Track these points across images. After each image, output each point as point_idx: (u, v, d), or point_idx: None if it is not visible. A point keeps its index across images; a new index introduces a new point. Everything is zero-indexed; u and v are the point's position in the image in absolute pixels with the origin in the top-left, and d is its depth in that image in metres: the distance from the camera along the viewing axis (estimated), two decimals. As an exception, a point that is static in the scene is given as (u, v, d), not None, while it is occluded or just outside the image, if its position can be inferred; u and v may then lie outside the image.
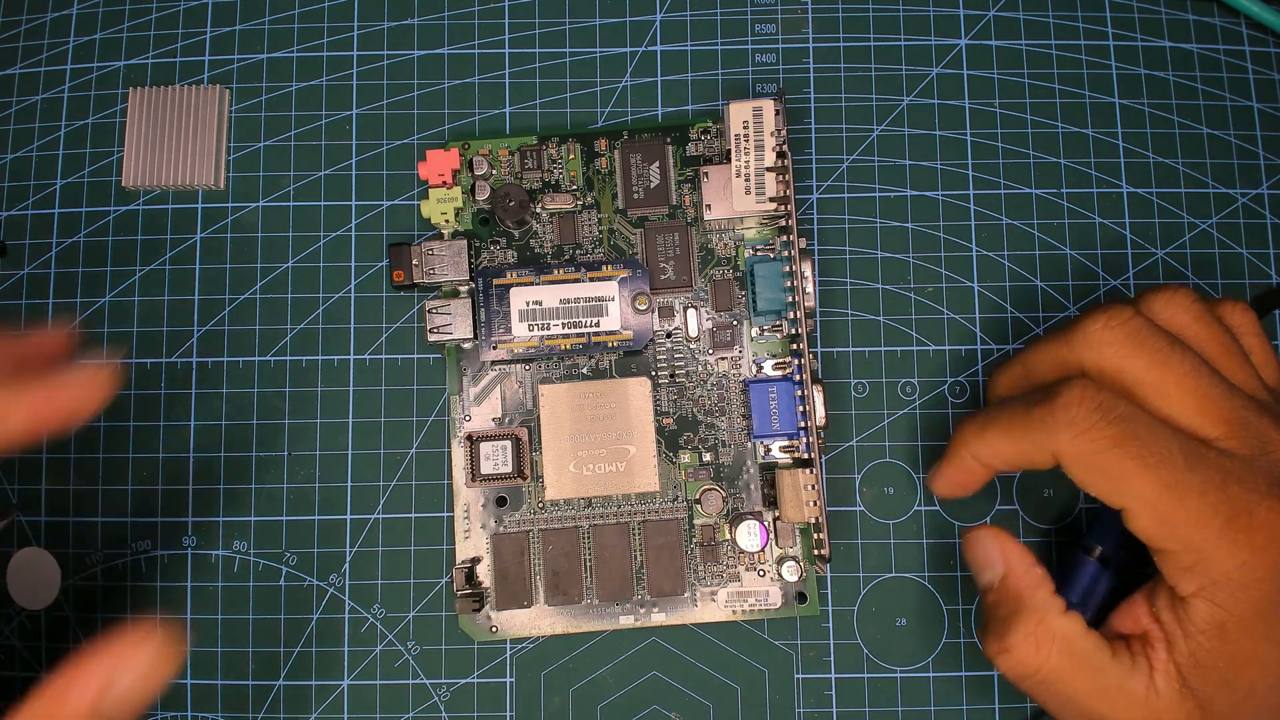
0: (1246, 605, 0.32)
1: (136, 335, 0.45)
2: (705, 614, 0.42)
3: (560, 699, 0.43)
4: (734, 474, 0.43)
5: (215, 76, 0.46)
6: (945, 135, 0.46)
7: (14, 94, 0.46)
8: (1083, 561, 0.40)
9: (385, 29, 0.47)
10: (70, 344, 0.34)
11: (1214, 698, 0.33)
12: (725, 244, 0.44)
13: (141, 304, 0.45)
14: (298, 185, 0.46)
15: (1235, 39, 0.47)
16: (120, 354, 0.42)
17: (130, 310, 0.45)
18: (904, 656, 0.43)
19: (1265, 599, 0.32)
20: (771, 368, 0.43)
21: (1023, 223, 0.45)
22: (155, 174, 0.45)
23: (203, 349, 0.45)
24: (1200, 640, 0.33)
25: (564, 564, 0.42)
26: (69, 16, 0.47)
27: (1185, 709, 0.33)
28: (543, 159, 0.44)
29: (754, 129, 0.41)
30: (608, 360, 0.43)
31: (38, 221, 0.45)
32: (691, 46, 0.47)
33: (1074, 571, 0.40)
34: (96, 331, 0.45)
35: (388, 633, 0.43)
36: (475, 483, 0.42)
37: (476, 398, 0.43)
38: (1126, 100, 0.46)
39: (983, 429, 0.36)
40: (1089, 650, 0.35)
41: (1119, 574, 0.40)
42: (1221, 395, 0.34)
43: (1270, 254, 0.45)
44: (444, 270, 0.43)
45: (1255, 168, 0.46)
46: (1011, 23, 0.47)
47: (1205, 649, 0.33)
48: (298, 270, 0.45)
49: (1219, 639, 0.33)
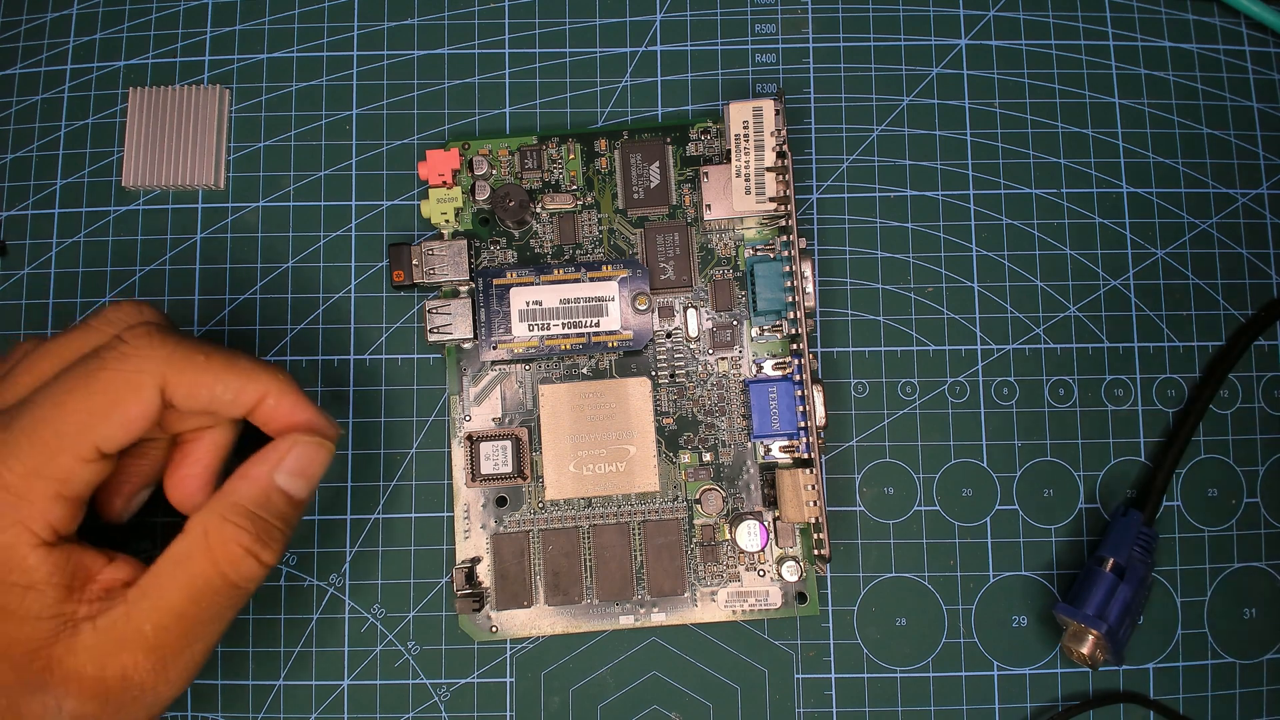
0: None
1: (136, 335, 0.45)
2: (705, 614, 0.42)
3: (560, 699, 0.43)
4: (734, 474, 0.43)
5: (215, 76, 0.46)
6: (945, 135, 0.46)
7: (14, 94, 0.46)
8: (1096, 574, 0.40)
9: (385, 29, 0.47)
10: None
11: None
12: (725, 244, 0.44)
13: (141, 304, 0.45)
14: (298, 185, 0.46)
15: (1235, 39, 0.47)
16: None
17: (130, 310, 0.45)
18: (904, 656, 0.43)
19: None
20: (771, 368, 0.43)
21: (1023, 223, 0.45)
22: (155, 174, 0.45)
23: (203, 349, 0.45)
24: None
25: (564, 564, 0.42)
26: (69, 16, 0.47)
27: None
28: (543, 159, 0.44)
29: (754, 129, 0.41)
30: (608, 360, 0.43)
31: (38, 221, 0.45)
32: (691, 46, 0.47)
33: (1089, 584, 0.40)
34: (96, 331, 0.45)
35: (388, 633, 0.43)
36: (475, 483, 0.42)
37: (476, 398, 0.43)
38: (1126, 100, 0.46)
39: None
40: None
41: (1134, 584, 0.40)
42: None
43: (1270, 254, 0.45)
44: (444, 270, 0.43)
45: (1255, 168, 0.46)
46: (1011, 23, 0.47)
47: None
48: (298, 270, 0.45)
49: None
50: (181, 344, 0.34)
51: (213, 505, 0.34)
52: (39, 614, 0.32)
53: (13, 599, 0.32)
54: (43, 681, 0.32)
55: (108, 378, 0.33)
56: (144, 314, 0.36)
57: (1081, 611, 0.40)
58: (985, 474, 0.44)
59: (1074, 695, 0.42)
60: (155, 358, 0.33)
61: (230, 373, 0.35)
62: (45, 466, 0.32)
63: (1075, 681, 0.42)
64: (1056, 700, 0.42)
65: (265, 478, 0.35)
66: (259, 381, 0.35)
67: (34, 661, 0.31)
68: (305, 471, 0.36)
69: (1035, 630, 0.43)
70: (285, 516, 0.35)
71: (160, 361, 0.33)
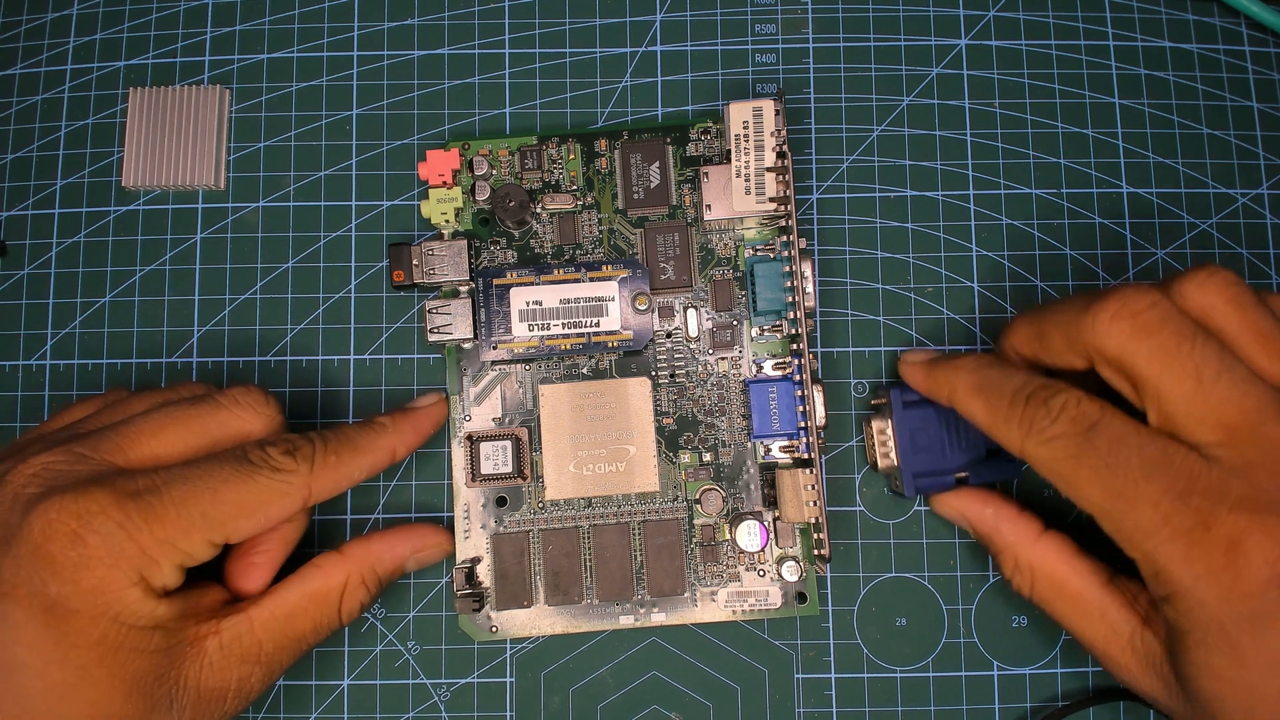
0: (1205, 621, 0.31)
1: (136, 335, 0.45)
2: (705, 614, 0.42)
3: (560, 699, 0.43)
4: (734, 474, 0.43)
5: (215, 76, 0.46)
6: (945, 135, 0.46)
7: (14, 94, 0.46)
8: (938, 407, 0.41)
9: (385, 29, 0.47)
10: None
11: (1187, 682, 0.33)
12: (725, 244, 0.44)
13: (141, 304, 0.45)
14: (298, 185, 0.46)
15: (1235, 39, 0.47)
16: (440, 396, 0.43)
17: (130, 310, 0.45)
18: (904, 656, 0.43)
19: (1224, 618, 0.31)
20: (771, 368, 0.43)
21: (1023, 223, 0.45)
22: (155, 174, 0.45)
23: (203, 349, 0.45)
24: (1170, 636, 0.33)
25: (564, 564, 0.42)
26: (69, 16, 0.47)
27: (1166, 672, 0.34)
28: (543, 159, 0.44)
29: (754, 129, 0.41)
30: (608, 360, 0.43)
31: (38, 221, 0.45)
32: (691, 46, 0.47)
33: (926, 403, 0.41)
34: (96, 331, 0.45)
35: (388, 633, 0.43)
36: (475, 483, 0.42)
37: (477, 398, 0.43)
38: (1126, 100, 0.46)
39: (972, 394, 0.37)
40: (1068, 575, 0.37)
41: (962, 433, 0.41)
42: (1224, 398, 0.32)
43: (1270, 254, 0.45)
44: (444, 270, 0.43)
45: (1255, 168, 0.46)
46: (1011, 23, 0.47)
47: (1174, 645, 0.33)
48: (298, 270, 0.45)
49: (1181, 645, 0.32)
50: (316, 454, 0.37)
51: (356, 560, 0.39)
52: (165, 646, 0.34)
53: (140, 640, 0.33)
54: (169, 700, 0.34)
55: (264, 483, 0.35)
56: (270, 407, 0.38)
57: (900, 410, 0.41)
58: (985, 474, 0.44)
59: (1073, 694, 0.42)
60: (301, 476, 0.36)
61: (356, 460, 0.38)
62: (180, 540, 0.34)
63: (1075, 682, 0.42)
64: (1056, 700, 0.42)
65: (404, 559, 0.40)
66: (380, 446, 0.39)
67: (163, 685, 0.34)
68: (427, 563, 0.42)
69: (1035, 630, 0.43)
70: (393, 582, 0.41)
71: (306, 477, 0.36)
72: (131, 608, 0.33)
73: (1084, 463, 0.33)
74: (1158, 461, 0.32)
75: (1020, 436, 0.34)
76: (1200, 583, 0.31)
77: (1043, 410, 0.34)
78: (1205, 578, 0.31)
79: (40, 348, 0.45)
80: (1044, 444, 0.34)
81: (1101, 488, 0.32)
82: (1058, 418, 0.33)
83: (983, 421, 0.36)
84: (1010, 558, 0.38)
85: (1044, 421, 0.34)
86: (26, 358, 0.45)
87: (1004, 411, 0.35)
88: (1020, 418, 0.34)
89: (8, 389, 0.45)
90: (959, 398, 0.37)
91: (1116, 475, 0.32)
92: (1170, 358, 0.32)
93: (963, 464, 0.41)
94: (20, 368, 0.45)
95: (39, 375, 0.45)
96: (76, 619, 0.32)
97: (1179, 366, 0.32)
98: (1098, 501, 0.33)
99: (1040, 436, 0.34)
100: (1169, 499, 0.31)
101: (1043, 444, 0.34)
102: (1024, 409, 0.34)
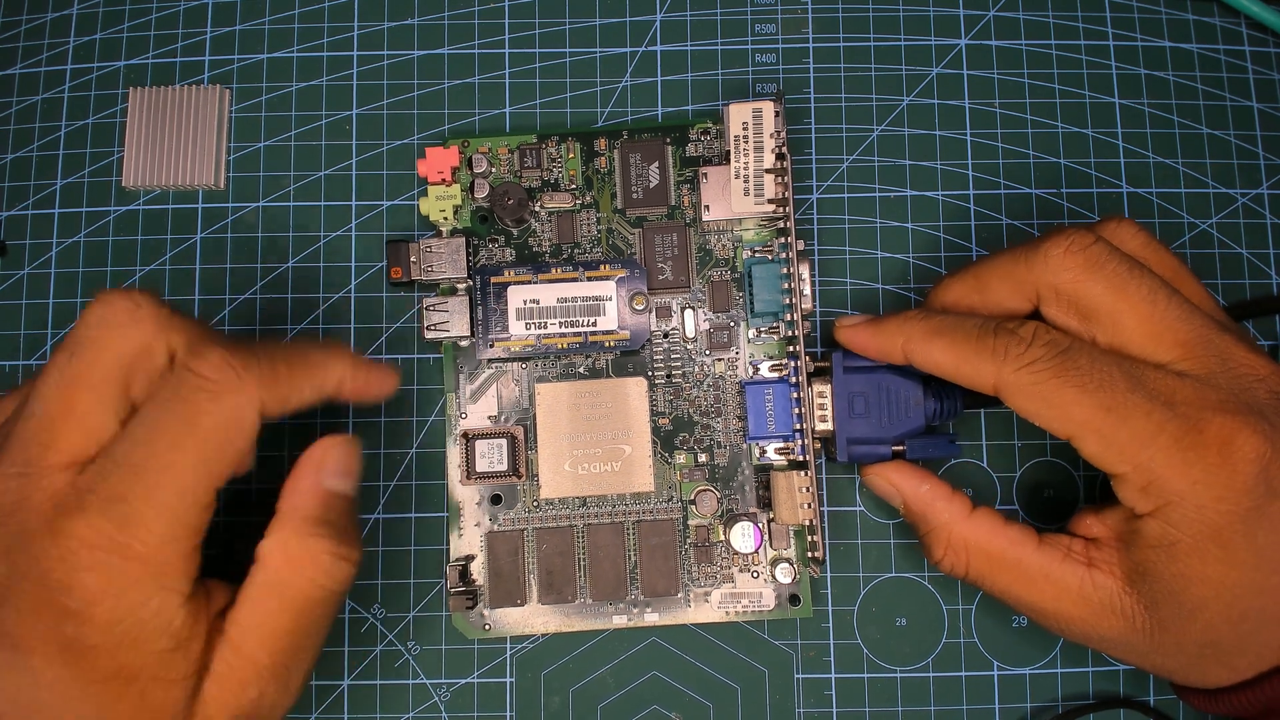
0: (1199, 526, 0.32)
1: (136, 334, 0.45)
2: (698, 615, 0.42)
3: (560, 699, 0.43)
4: (729, 475, 0.43)
5: (215, 76, 0.47)
6: (945, 135, 0.46)
7: (14, 94, 0.46)
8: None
9: (385, 29, 0.47)
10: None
11: (1160, 604, 0.34)
12: (723, 245, 0.44)
13: (141, 303, 0.45)
14: (298, 185, 0.46)
15: (1235, 39, 0.46)
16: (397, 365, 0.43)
17: (130, 310, 0.45)
18: (904, 656, 0.43)
19: (1219, 520, 0.32)
20: (768, 369, 0.43)
21: (1023, 223, 0.45)
22: (155, 174, 0.45)
23: (202, 348, 0.45)
24: (1149, 554, 0.33)
25: (558, 563, 0.42)
26: (69, 16, 0.47)
27: (1127, 606, 0.34)
28: (542, 158, 0.44)
29: (753, 130, 0.41)
30: (604, 360, 0.43)
31: (38, 221, 0.46)
32: (691, 46, 0.47)
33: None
34: (97, 331, 0.45)
35: (388, 633, 0.43)
36: (470, 480, 0.42)
37: (473, 395, 0.43)
38: (1126, 100, 0.46)
39: (930, 337, 0.37)
40: (1004, 546, 0.37)
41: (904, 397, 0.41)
42: (1177, 317, 0.34)
43: (1270, 254, 0.45)
44: (442, 267, 0.43)
45: (1255, 168, 0.46)
46: (1011, 23, 0.47)
47: (1153, 562, 0.33)
48: (298, 270, 0.45)
49: (1169, 557, 0.33)
50: (261, 362, 0.33)
51: (281, 527, 0.34)
52: (185, 674, 0.32)
53: (164, 667, 0.31)
54: None
55: (211, 421, 0.32)
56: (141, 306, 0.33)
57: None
58: (985, 474, 0.44)
59: (1074, 696, 0.42)
60: (248, 385, 0.32)
61: (308, 375, 0.35)
62: (176, 528, 0.31)
63: (1075, 682, 0.42)
64: (1056, 700, 0.42)
65: (317, 486, 0.35)
66: (332, 370, 0.36)
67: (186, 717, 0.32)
68: (348, 470, 0.36)
69: (1035, 630, 0.43)
70: (347, 512, 0.36)
71: (253, 386, 0.32)
72: (161, 624, 0.31)
73: (1069, 381, 0.33)
74: (1138, 376, 0.33)
75: (995, 367, 0.35)
76: (1198, 486, 0.32)
77: (1014, 339, 0.35)
78: (1202, 480, 0.32)
79: (40, 348, 0.45)
80: (1023, 368, 0.34)
81: (1092, 403, 0.33)
82: (1032, 343, 0.34)
83: (946, 361, 0.36)
84: (942, 538, 0.38)
85: (1019, 348, 0.34)
86: (26, 358, 0.45)
87: (972, 345, 0.36)
88: (993, 349, 0.35)
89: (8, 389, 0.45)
90: (915, 345, 0.37)
91: (1104, 390, 0.33)
92: (1125, 285, 0.34)
93: (899, 435, 0.40)
94: (20, 368, 0.45)
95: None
96: (95, 655, 0.30)
97: (1134, 292, 0.34)
98: (1086, 419, 0.33)
99: (1018, 362, 0.34)
100: (1160, 407, 0.32)
101: (1022, 368, 0.34)
102: (994, 339, 0.35)
